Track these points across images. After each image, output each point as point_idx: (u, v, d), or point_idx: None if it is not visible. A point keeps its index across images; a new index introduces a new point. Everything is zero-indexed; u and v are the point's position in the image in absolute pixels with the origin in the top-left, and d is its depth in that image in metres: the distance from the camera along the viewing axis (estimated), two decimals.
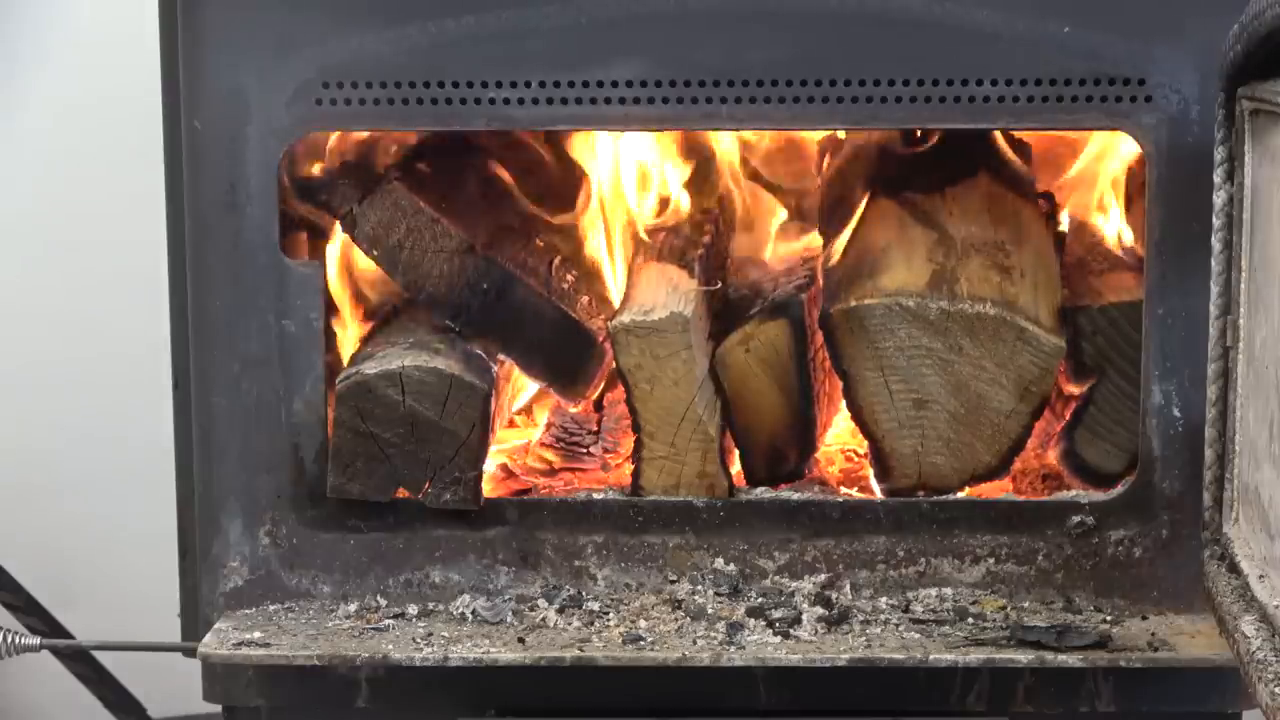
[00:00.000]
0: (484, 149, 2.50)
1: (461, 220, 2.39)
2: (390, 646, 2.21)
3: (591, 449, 2.52)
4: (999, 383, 2.30)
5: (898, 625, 2.25)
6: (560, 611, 2.27)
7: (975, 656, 2.17)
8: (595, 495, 2.35)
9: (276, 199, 2.27)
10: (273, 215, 2.27)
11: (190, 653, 2.30)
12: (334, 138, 2.41)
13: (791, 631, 2.22)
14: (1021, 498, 2.36)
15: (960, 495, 2.32)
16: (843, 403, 2.36)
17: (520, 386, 2.50)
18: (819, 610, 2.25)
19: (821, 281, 2.40)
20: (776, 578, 2.31)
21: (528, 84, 2.23)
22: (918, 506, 2.31)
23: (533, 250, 2.46)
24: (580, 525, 2.32)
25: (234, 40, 2.24)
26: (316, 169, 2.40)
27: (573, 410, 2.54)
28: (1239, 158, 2.03)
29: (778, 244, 2.57)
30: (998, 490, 2.36)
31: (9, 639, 2.42)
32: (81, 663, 2.85)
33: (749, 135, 2.52)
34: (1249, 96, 1.99)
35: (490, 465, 2.40)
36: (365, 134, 2.41)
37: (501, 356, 2.39)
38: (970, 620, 2.25)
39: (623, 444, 2.49)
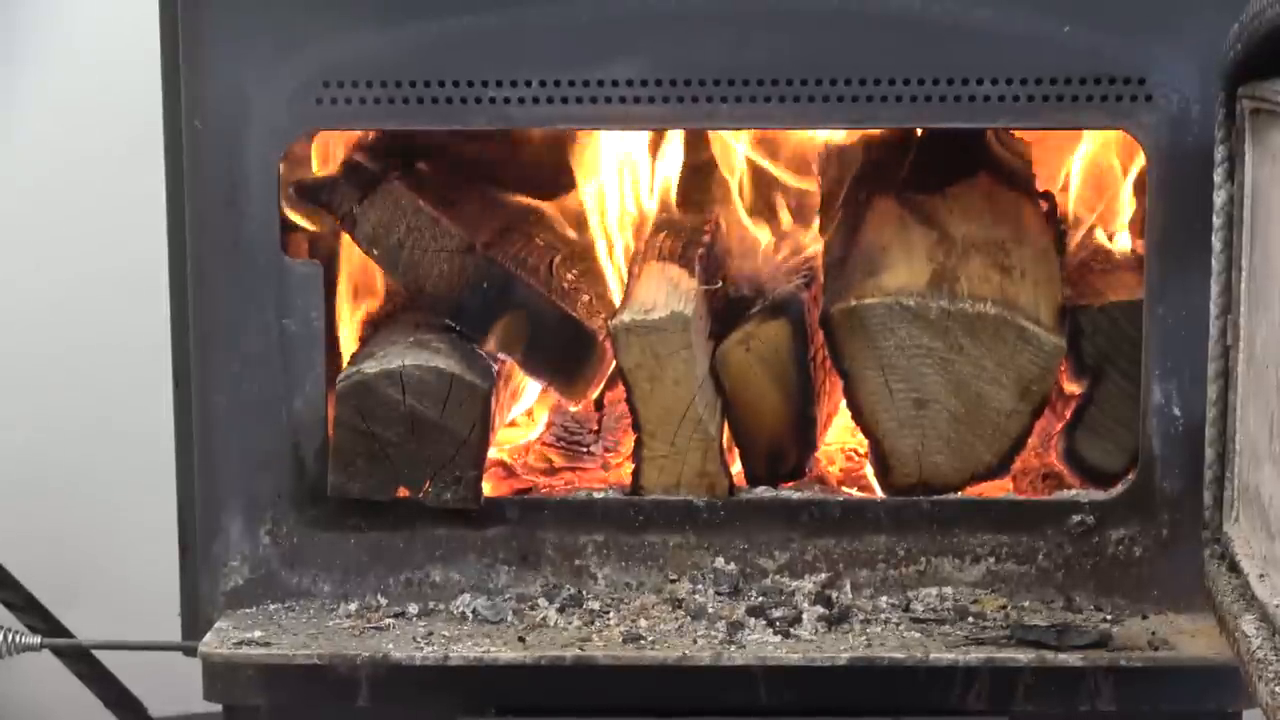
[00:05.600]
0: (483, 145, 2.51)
1: (461, 219, 2.39)
2: (391, 645, 2.21)
3: (592, 448, 2.52)
4: (999, 382, 2.30)
5: (898, 624, 2.25)
6: (560, 611, 2.27)
7: (975, 656, 2.18)
8: (595, 495, 2.35)
9: (276, 199, 2.27)
10: (273, 215, 2.27)
11: (190, 652, 2.30)
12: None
13: (792, 631, 2.22)
14: (1022, 497, 2.36)
15: (960, 494, 2.32)
16: (843, 402, 2.36)
17: (522, 387, 2.50)
18: (819, 609, 2.25)
19: (822, 281, 2.40)
20: (777, 577, 2.31)
21: (528, 84, 2.23)
22: (918, 506, 2.31)
23: (533, 250, 2.46)
24: (580, 524, 2.32)
25: (234, 40, 2.24)
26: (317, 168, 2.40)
27: (573, 409, 2.54)
28: (1239, 157, 2.03)
29: (778, 243, 2.57)
30: (998, 490, 2.36)
31: (9, 638, 2.42)
32: (81, 662, 2.85)
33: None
34: (1249, 96, 1.99)
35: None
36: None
37: (502, 356, 2.39)
38: (970, 619, 2.25)
39: (623, 443, 2.49)
